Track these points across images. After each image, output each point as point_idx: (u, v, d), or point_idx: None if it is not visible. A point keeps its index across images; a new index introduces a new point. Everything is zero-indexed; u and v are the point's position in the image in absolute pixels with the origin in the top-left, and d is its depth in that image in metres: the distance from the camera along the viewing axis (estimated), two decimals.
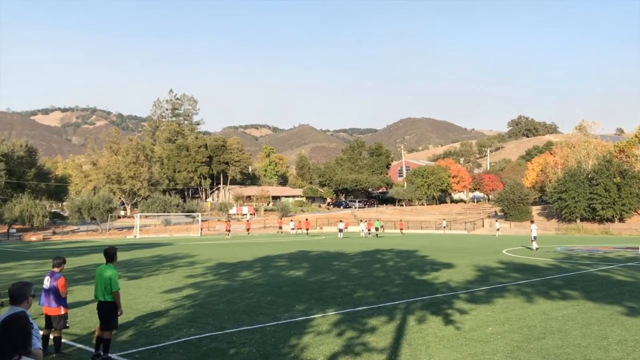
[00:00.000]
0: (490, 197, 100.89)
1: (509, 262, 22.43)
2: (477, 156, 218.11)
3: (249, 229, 57.30)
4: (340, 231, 50.26)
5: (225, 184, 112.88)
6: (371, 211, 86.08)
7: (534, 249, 29.77)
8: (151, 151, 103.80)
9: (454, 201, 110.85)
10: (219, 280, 17.08)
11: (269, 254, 28.03)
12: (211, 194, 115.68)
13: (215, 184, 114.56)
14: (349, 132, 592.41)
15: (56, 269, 8.48)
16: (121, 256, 20.62)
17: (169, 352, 8.14)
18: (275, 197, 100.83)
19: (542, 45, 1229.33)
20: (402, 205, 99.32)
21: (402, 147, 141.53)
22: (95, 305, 8.13)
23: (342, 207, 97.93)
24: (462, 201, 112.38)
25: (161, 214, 67.97)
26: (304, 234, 56.44)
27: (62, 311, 8.30)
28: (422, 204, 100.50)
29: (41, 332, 7.00)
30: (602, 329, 9.45)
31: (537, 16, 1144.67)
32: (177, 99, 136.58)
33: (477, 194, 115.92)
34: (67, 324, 8.60)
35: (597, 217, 61.57)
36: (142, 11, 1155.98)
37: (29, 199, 59.81)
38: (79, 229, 64.95)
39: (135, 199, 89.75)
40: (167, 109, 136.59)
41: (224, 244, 38.91)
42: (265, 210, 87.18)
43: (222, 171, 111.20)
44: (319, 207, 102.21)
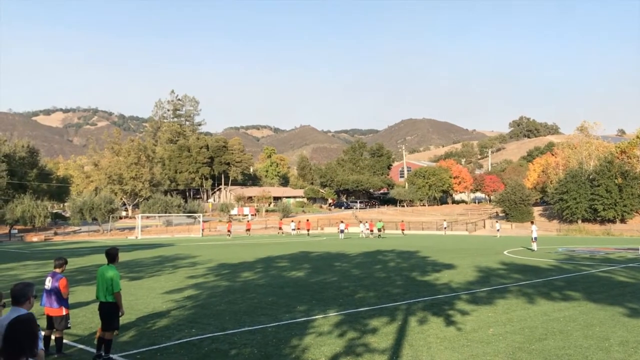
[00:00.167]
0: (491, 198, 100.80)
1: (510, 263, 22.40)
2: (479, 157, 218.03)
3: (249, 230, 57.29)
4: (341, 232, 50.27)
5: (226, 184, 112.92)
6: (372, 212, 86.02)
7: (534, 249, 29.75)
8: (153, 152, 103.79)
9: (455, 202, 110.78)
10: (220, 281, 17.09)
11: (270, 254, 28.02)
12: (212, 194, 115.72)
13: (216, 185, 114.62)
14: (350, 132, 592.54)
15: (58, 270, 8.49)
16: (123, 257, 20.67)
17: (170, 352, 8.14)
18: (276, 198, 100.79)
19: (543, 45, 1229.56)
20: (403, 206, 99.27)
21: (403, 147, 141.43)
22: (96, 305, 8.14)
23: (343, 207, 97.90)
24: (463, 202, 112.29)
25: (163, 214, 67.97)
26: (304, 234, 56.44)
27: (64, 312, 8.31)
28: (424, 205, 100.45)
29: (43, 333, 7.00)
30: (603, 330, 9.44)
31: (538, 16, 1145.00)
32: (179, 99, 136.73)
33: (479, 194, 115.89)
34: (69, 325, 8.61)
35: (598, 218, 61.51)
36: (143, 12, 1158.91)
37: (30, 200, 59.89)
38: (80, 229, 64.98)
39: (136, 200, 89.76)
40: (168, 110, 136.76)
41: (225, 245, 38.91)
42: (266, 211, 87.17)
43: (224, 172, 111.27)
44: (320, 207, 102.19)
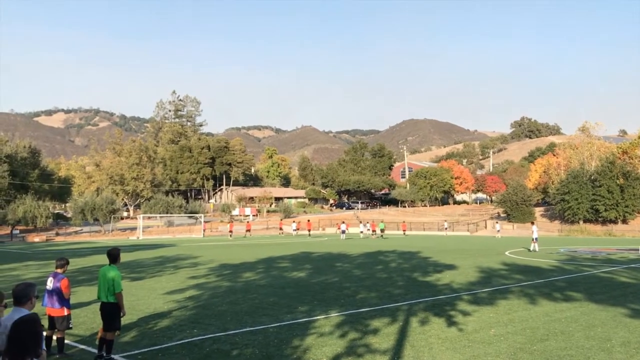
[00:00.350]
0: (493, 198, 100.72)
1: (511, 263, 22.38)
2: (480, 157, 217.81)
3: (249, 230, 57.28)
4: (342, 232, 50.26)
5: (228, 185, 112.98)
6: (374, 212, 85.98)
7: (535, 250, 29.73)
8: (154, 152, 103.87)
9: (456, 202, 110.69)
10: (221, 281, 17.09)
11: (272, 255, 28.03)
12: (214, 195, 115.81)
13: (218, 185, 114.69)
14: (351, 133, 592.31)
15: (59, 270, 8.50)
16: (124, 257, 20.67)
17: (172, 353, 8.15)
18: (277, 199, 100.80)
19: (544, 46, 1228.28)
20: (404, 206, 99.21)
21: (404, 148, 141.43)
22: (98, 306, 8.15)
23: (344, 208, 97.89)
24: (464, 202, 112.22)
25: (164, 215, 68.02)
26: (305, 234, 56.42)
27: (65, 312, 8.32)
28: (425, 205, 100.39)
29: (44, 333, 7.01)
30: (605, 330, 9.43)
31: (538, 16, 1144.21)
32: (180, 100, 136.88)
33: (480, 195, 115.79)
34: (70, 325, 8.62)
35: (600, 219, 61.45)
36: (144, 12, 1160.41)
37: (32, 200, 59.98)
38: (82, 230, 65.07)
39: (138, 200, 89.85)
40: (170, 110, 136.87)
41: (227, 245, 38.93)
42: (268, 211, 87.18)
43: (225, 172, 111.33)
44: (322, 208, 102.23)
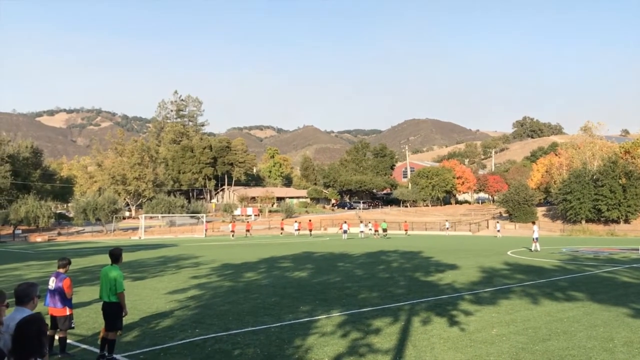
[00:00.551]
0: (495, 198, 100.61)
1: (513, 263, 22.36)
2: (482, 157, 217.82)
3: (249, 230, 57.30)
4: (344, 232, 50.30)
5: (229, 185, 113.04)
6: (375, 212, 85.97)
7: (536, 250, 29.67)
8: (156, 152, 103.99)
9: (458, 202, 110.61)
10: (223, 281, 17.10)
11: (274, 255, 28.05)
12: (216, 195, 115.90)
13: (219, 185, 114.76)
14: (353, 133, 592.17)
15: (61, 270, 8.52)
16: (126, 257, 20.69)
17: (174, 353, 8.15)
18: (279, 198, 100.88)
19: (546, 45, 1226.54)
20: (406, 206, 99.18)
21: (406, 148, 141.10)
22: (100, 306, 8.16)
23: (346, 208, 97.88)
24: (466, 202, 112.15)
25: (166, 215, 68.10)
26: (306, 234, 56.44)
27: (67, 312, 8.33)
28: (427, 205, 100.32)
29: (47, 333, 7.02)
30: (607, 330, 9.41)
31: (541, 16, 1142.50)
32: (182, 100, 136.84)
33: (482, 195, 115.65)
34: (72, 325, 8.64)
35: (602, 219, 61.32)
36: (146, 12, 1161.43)
37: (34, 200, 60.11)
38: (84, 230, 65.17)
39: (140, 200, 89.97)
40: (171, 110, 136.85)
41: (229, 245, 38.96)
42: (269, 211, 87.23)
43: (227, 172, 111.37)
44: (324, 208, 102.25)
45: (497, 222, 59.93)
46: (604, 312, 11.15)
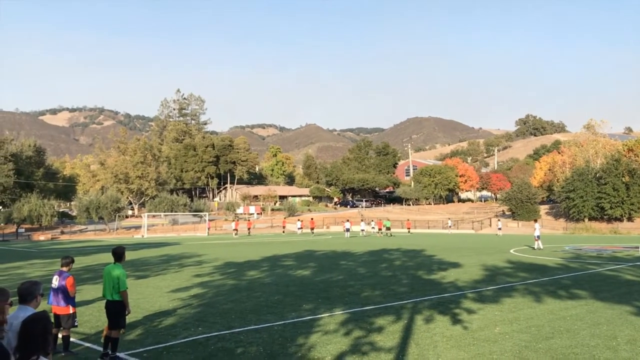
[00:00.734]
0: (497, 196, 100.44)
1: (516, 261, 22.33)
2: (485, 155, 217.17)
3: (250, 229, 57.32)
4: (347, 230, 50.36)
5: (232, 183, 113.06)
6: (378, 210, 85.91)
7: (539, 248, 29.61)
8: (159, 151, 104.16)
9: (461, 200, 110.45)
10: (226, 279, 17.12)
11: (276, 253, 28.06)
12: (218, 193, 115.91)
13: (222, 184, 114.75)
14: (355, 131, 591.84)
15: (65, 268, 8.54)
16: (129, 255, 20.68)
17: (177, 351, 8.17)
18: (282, 197, 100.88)
19: (549, 43, 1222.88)
20: (409, 204, 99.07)
21: (409, 146, 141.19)
22: (103, 304, 8.17)
23: (349, 206, 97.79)
24: (469, 200, 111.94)
25: (169, 213, 68.22)
26: (308, 233, 56.45)
27: (71, 310, 8.35)
28: (430, 204, 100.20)
29: None
30: (611, 328, 9.39)
31: (544, 14, 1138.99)
32: (185, 98, 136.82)
33: (485, 193, 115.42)
34: (76, 323, 8.66)
35: (605, 217, 61.17)
36: (149, 12, 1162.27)
37: (37, 199, 60.29)
38: (87, 228, 65.32)
39: (142, 199, 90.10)
40: (174, 109, 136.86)
41: (231, 244, 39.01)
42: (272, 209, 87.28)
43: (229, 171, 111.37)
44: (326, 206, 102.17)
45: (498, 220, 59.82)
46: (607, 310, 11.12)
